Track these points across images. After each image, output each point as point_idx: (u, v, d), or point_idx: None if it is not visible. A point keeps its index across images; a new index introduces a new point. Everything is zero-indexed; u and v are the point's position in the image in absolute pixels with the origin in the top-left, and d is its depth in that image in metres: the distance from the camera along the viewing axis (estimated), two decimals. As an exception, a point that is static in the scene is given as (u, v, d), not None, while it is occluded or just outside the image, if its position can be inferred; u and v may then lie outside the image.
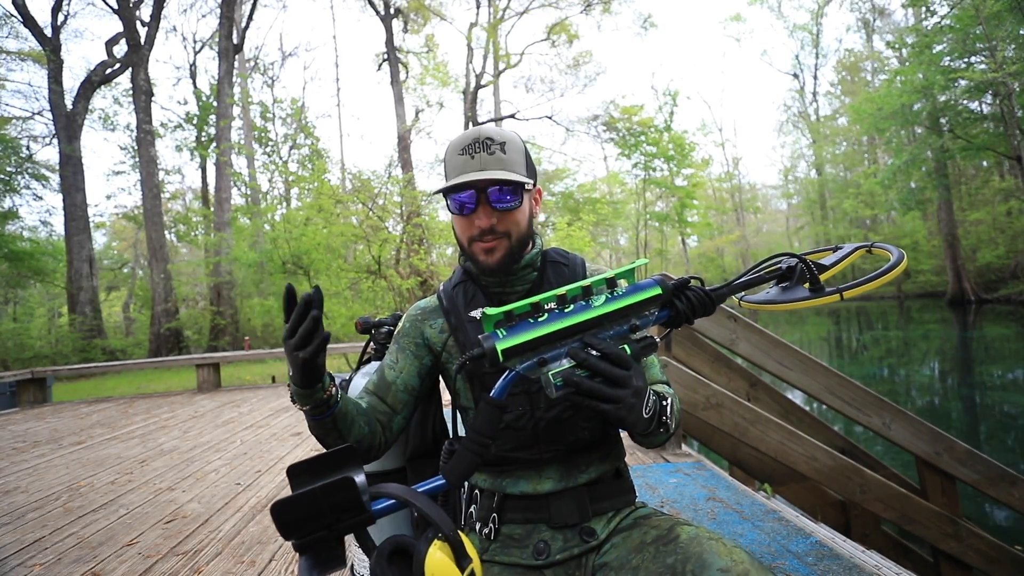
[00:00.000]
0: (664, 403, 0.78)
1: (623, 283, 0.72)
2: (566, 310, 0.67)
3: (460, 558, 0.58)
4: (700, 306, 0.72)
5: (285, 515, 0.52)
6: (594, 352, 0.65)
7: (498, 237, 0.86)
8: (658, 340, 0.71)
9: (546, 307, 0.68)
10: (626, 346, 0.68)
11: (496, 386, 0.66)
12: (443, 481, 0.66)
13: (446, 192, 0.85)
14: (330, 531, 0.54)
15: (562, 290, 0.68)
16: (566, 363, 0.66)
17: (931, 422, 2.67)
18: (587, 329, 0.67)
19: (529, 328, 0.65)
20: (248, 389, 7.01)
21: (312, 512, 0.53)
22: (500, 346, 0.64)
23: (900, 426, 2.62)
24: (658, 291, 0.70)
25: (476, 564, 0.59)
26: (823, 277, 0.76)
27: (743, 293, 0.82)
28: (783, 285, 0.79)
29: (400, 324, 0.99)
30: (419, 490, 0.62)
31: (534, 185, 0.91)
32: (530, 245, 0.93)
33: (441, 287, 0.99)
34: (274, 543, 2.06)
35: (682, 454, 2.95)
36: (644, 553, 0.76)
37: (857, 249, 0.81)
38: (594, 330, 0.67)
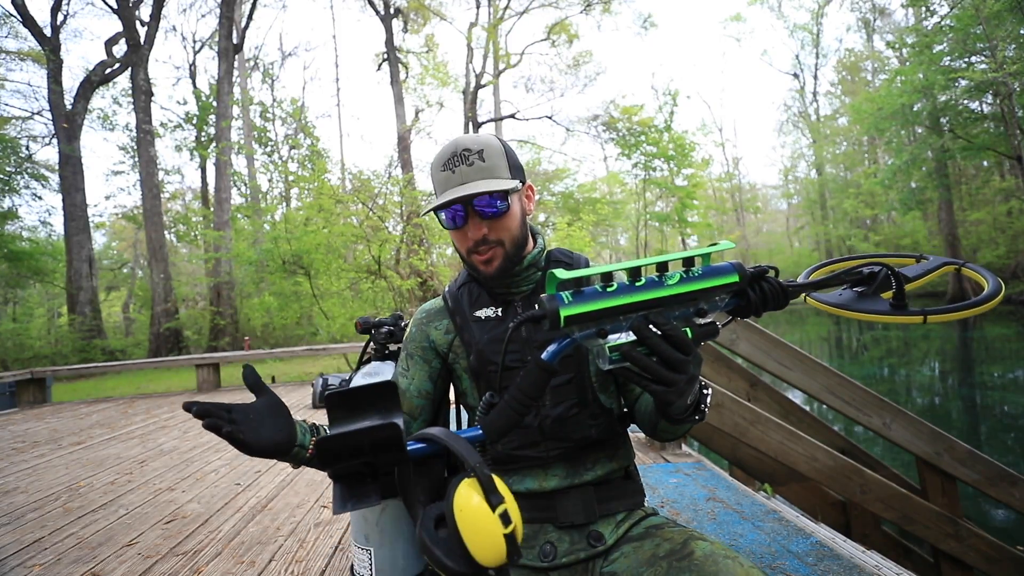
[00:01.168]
0: (706, 391, 0.76)
1: (699, 263, 0.67)
2: (637, 284, 0.63)
3: (490, 495, 0.56)
4: (772, 299, 0.69)
5: (329, 451, 0.55)
6: (657, 331, 0.62)
7: (492, 246, 0.87)
8: (720, 327, 0.68)
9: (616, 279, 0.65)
10: (688, 329, 0.64)
11: (549, 349, 0.64)
12: (480, 432, 0.65)
13: (435, 210, 0.87)
14: (367, 467, 0.58)
15: (637, 263, 0.65)
16: (623, 337, 0.63)
17: (931, 422, 2.66)
18: (655, 307, 0.63)
19: (597, 298, 0.61)
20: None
21: (354, 449, 0.56)
22: (564, 312, 0.60)
23: (900, 426, 2.62)
24: (735, 278, 0.65)
25: (511, 505, 0.57)
26: (925, 308, 0.69)
27: (814, 294, 0.78)
28: (859, 290, 0.74)
29: (408, 330, 1.00)
30: (462, 433, 0.64)
31: (523, 183, 0.91)
32: (530, 244, 0.93)
33: (447, 288, 1.00)
34: (274, 543, 2.06)
35: (682, 454, 2.94)
36: (656, 567, 0.74)
37: (945, 264, 0.75)
38: (660, 308, 0.64)
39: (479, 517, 0.54)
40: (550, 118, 24.35)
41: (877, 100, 21.54)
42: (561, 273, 0.62)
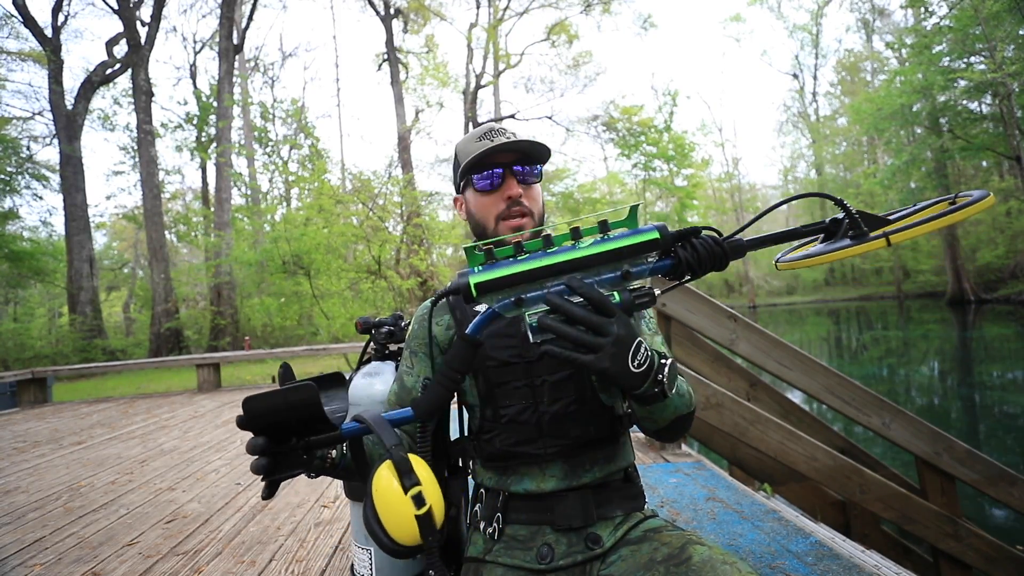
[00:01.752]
0: (663, 361, 0.70)
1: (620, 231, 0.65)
2: (550, 251, 0.62)
3: (404, 476, 0.57)
4: (708, 257, 0.64)
5: (251, 405, 0.55)
6: (574, 298, 0.60)
7: (524, 213, 0.89)
8: (657, 292, 0.64)
9: (530, 250, 0.63)
10: (616, 293, 0.62)
11: (472, 322, 0.65)
12: (410, 412, 0.67)
13: (471, 170, 0.89)
14: (298, 439, 0.59)
15: (548, 229, 0.63)
16: (541, 307, 0.62)
17: (931, 422, 2.67)
18: (572, 271, 0.61)
19: (508, 265, 0.61)
20: (248, 389, 7.01)
21: (276, 411, 0.56)
22: (473, 280, 0.60)
23: (900, 426, 2.62)
24: (655, 235, 0.62)
25: (429, 487, 0.58)
26: (885, 229, 0.64)
27: (783, 256, 0.73)
28: (828, 242, 0.69)
29: (410, 328, 1.00)
30: (388, 415, 0.65)
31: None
32: None
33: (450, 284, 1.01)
34: (274, 543, 2.06)
35: (682, 454, 2.95)
36: (654, 572, 0.73)
37: (937, 203, 0.68)
38: (580, 273, 0.61)
39: (392, 499, 0.57)
40: (550, 118, 24.39)
41: (876, 100, 21.55)
42: (471, 245, 0.63)
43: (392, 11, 19.75)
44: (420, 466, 0.59)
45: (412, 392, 0.94)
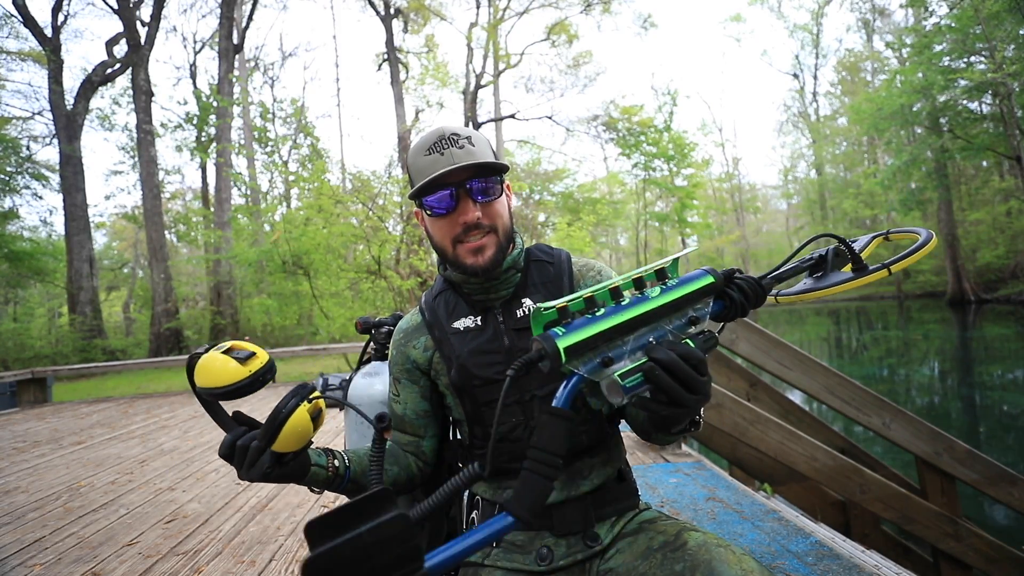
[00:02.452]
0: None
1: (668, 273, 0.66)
2: (622, 303, 0.60)
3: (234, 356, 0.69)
4: (753, 295, 0.68)
5: (320, 567, 0.37)
6: (671, 352, 0.58)
7: (485, 233, 0.82)
8: (717, 335, 0.66)
9: (600, 302, 0.61)
10: (690, 341, 0.62)
11: (558, 395, 0.57)
12: (511, 520, 0.53)
13: (420, 194, 0.81)
14: None
15: (614, 282, 0.62)
16: (628, 364, 0.59)
17: (931, 422, 2.67)
18: (647, 323, 0.60)
19: (589, 324, 0.58)
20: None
21: (358, 567, 0.39)
22: (562, 344, 0.56)
23: (900, 426, 2.62)
24: (711, 280, 0.64)
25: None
26: (884, 262, 0.73)
27: (776, 290, 0.78)
28: (817, 275, 0.76)
29: (389, 354, 0.98)
30: (484, 529, 0.51)
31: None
32: (512, 245, 0.90)
33: (423, 299, 0.96)
34: (274, 543, 2.06)
35: (682, 454, 2.95)
36: (651, 560, 0.74)
37: (875, 238, 0.80)
38: (654, 324, 0.61)
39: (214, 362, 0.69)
40: (550, 118, 24.36)
41: (877, 100, 21.54)
42: (544, 306, 0.59)
43: (392, 11, 19.74)
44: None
45: (405, 419, 0.93)
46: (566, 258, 0.94)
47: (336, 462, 0.78)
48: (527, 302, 0.88)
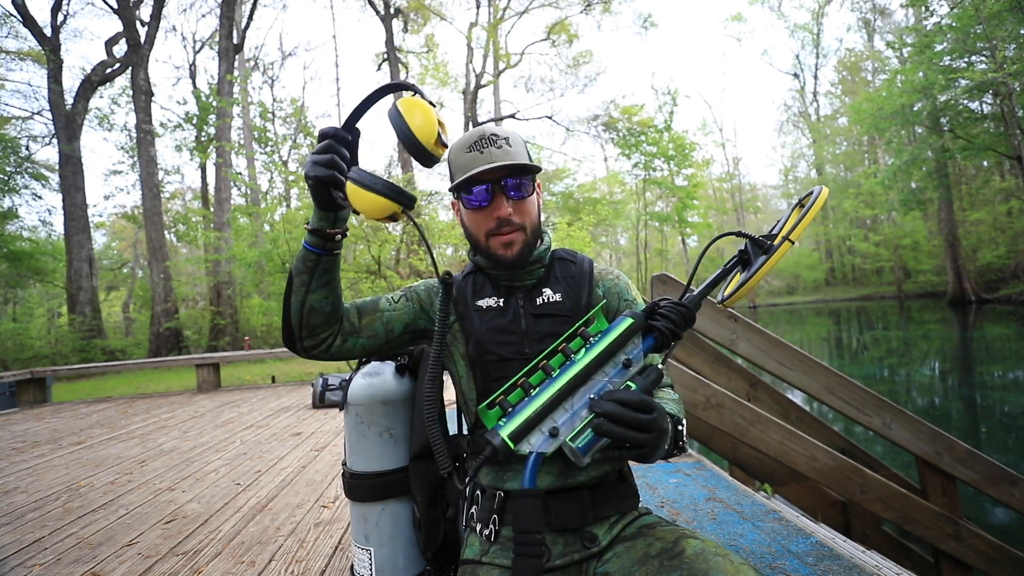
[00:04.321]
0: (680, 427, 0.79)
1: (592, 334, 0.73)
2: (554, 376, 0.68)
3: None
4: (680, 320, 0.72)
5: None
6: (611, 402, 0.64)
7: (515, 229, 0.88)
8: (661, 367, 0.71)
9: (536, 383, 0.69)
10: (631, 383, 0.67)
11: (524, 475, 0.65)
12: None
13: (461, 188, 0.88)
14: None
15: (539, 360, 0.70)
16: (578, 424, 0.65)
17: (931, 422, 2.66)
18: (582, 382, 0.67)
19: (526, 405, 0.65)
20: (248, 389, 7.01)
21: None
22: (504, 433, 0.64)
23: (900, 426, 2.62)
24: (630, 322, 0.70)
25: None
26: (783, 235, 0.79)
27: (723, 295, 0.84)
28: (747, 270, 0.81)
29: (417, 283, 1.03)
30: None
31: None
32: (540, 240, 0.96)
33: (454, 277, 1.02)
34: (274, 543, 2.06)
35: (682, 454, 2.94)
36: (648, 566, 0.74)
37: (792, 210, 0.86)
38: (591, 381, 0.67)
39: (420, 106, 0.71)
40: (550, 118, 24.38)
41: (877, 100, 21.55)
42: (483, 408, 0.69)
43: (392, 11, 19.75)
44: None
45: (377, 315, 0.96)
46: (589, 263, 1.00)
47: (340, 237, 0.84)
48: (547, 291, 0.94)
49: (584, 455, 0.63)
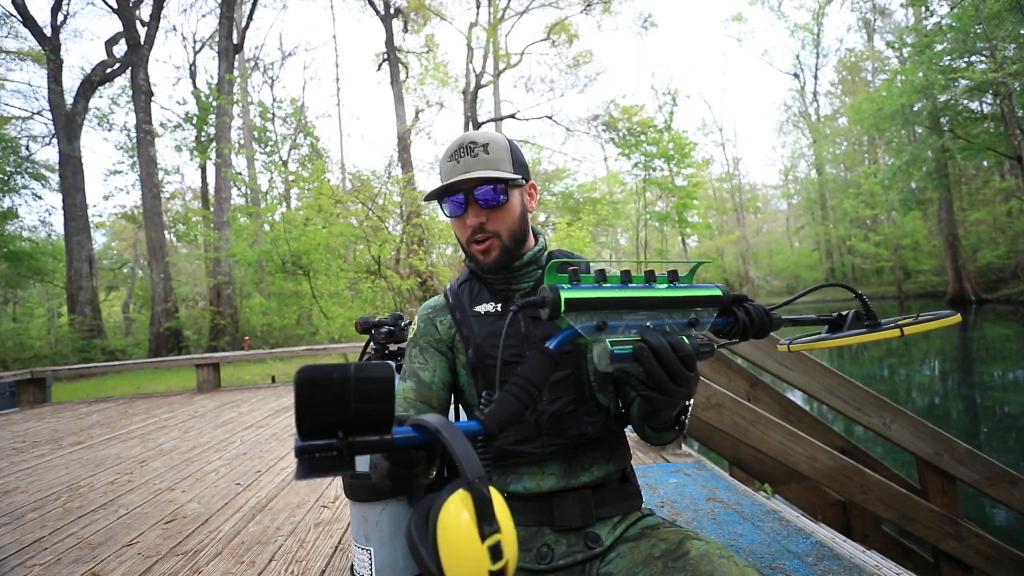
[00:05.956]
0: (688, 403, 0.78)
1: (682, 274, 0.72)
2: (630, 285, 0.65)
3: (484, 521, 0.43)
4: (759, 323, 0.70)
5: (308, 382, 0.41)
6: (663, 340, 0.62)
7: (489, 236, 0.89)
8: (716, 347, 0.69)
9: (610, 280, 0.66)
10: (685, 338, 0.65)
11: (554, 337, 0.62)
12: (478, 426, 0.56)
13: (439, 198, 0.90)
14: (342, 439, 0.43)
15: (625, 264, 0.67)
16: (621, 336, 0.63)
17: (931, 422, 2.66)
18: (649, 308, 0.64)
19: (594, 289, 0.63)
20: (248, 389, 7.01)
21: (338, 394, 0.42)
22: (565, 295, 0.60)
23: (900, 426, 2.62)
24: (718, 292, 0.68)
25: (507, 536, 0.43)
26: (899, 322, 0.76)
27: (789, 339, 0.82)
28: (833, 332, 0.79)
29: (414, 326, 1.00)
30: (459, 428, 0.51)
31: (526, 181, 0.93)
32: (531, 241, 0.95)
33: (448, 286, 1.01)
34: (274, 543, 2.06)
35: (682, 454, 2.94)
36: (652, 567, 0.74)
37: (923, 318, 0.83)
38: (655, 312, 0.65)
39: (464, 545, 0.42)
40: (550, 118, 24.36)
41: (877, 100, 21.55)
42: (560, 261, 0.66)
43: (392, 11, 19.74)
44: (500, 506, 0.45)
45: (432, 388, 0.93)
46: (586, 262, 0.99)
47: None
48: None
49: (612, 362, 0.61)
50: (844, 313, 0.78)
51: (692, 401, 0.79)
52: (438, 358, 0.95)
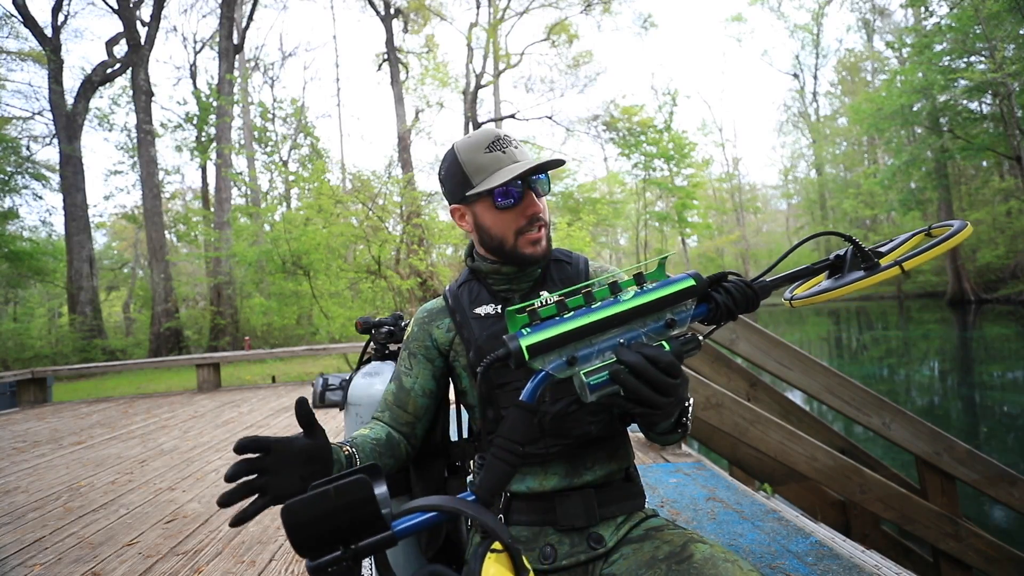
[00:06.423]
0: (688, 403, 0.77)
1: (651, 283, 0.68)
2: (594, 306, 0.63)
3: (519, 572, 0.52)
4: (742, 299, 0.68)
5: (297, 517, 0.46)
6: (639, 355, 0.60)
7: (543, 224, 0.89)
8: (701, 339, 0.66)
9: (572, 307, 0.64)
10: (665, 343, 0.63)
11: (526, 388, 0.62)
12: (473, 497, 0.60)
13: (494, 188, 0.85)
14: (346, 550, 0.48)
15: (588, 284, 0.65)
16: (596, 363, 0.62)
17: (931, 422, 2.66)
18: (619, 324, 0.62)
19: (556, 324, 0.61)
20: (248, 389, 7.01)
21: (327, 518, 0.47)
22: (524, 343, 0.59)
23: (900, 426, 2.62)
24: (691, 283, 0.65)
25: None
26: (882, 261, 0.71)
27: (790, 292, 0.78)
28: (835, 277, 0.74)
29: (409, 329, 1.00)
30: (447, 502, 0.57)
31: None
32: None
33: (448, 288, 1.00)
34: (274, 543, 2.06)
35: (682, 454, 2.95)
36: (655, 570, 0.73)
37: (915, 235, 0.77)
38: (627, 326, 0.62)
39: None
40: (550, 118, 24.38)
41: (877, 100, 21.56)
42: (514, 308, 0.63)
43: (392, 11, 19.74)
44: (525, 559, 0.54)
45: (411, 394, 0.94)
46: (584, 261, 0.99)
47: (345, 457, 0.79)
48: (544, 294, 0.91)
49: (592, 393, 0.60)
50: (841, 253, 0.74)
51: (692, 400, 0.78)
52: (424, 365, 0.96)
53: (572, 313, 0.62)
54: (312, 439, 0.70)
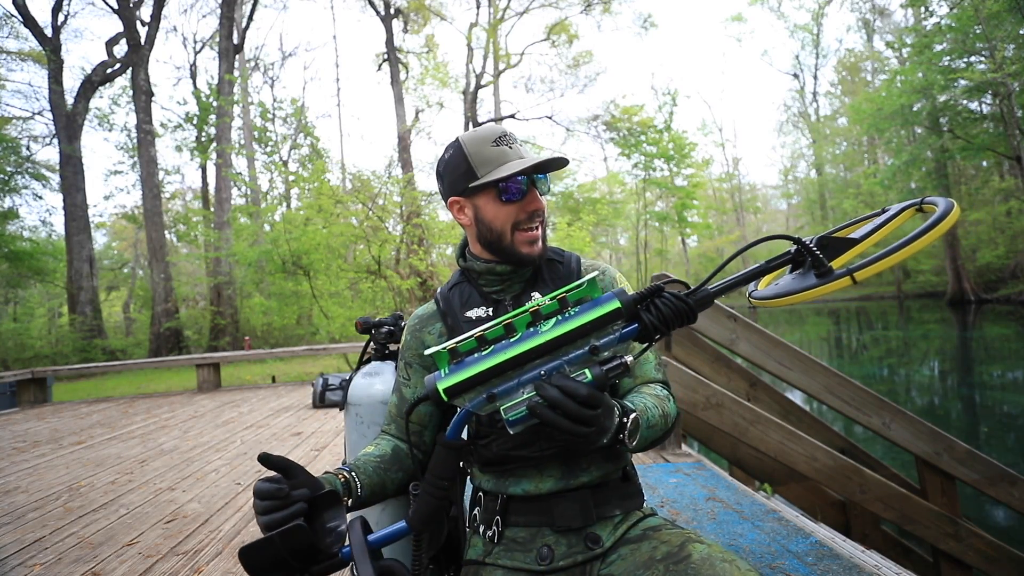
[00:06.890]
0: (625, 420, 0.72)
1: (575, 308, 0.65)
2: (512, 339, 0.62)
3: None
4: (675, 316, 0.65)
5: (251, 560, 0.58)
6: (556, 389, 0.60)
7: (541, 222, 0.90)
8: (629, 360, 0.63)
9: (492, 339, 0.63)
10: (587, 371, 0.62)
11: (450, 426, 0.66)
12: (404, 526, 0.68)
13: (501, 179, 0.85)
14: (301, 573, 0.60)
15: (507, 317, 0.64)
16: (518, 397, 0.62)
17: (931, 422, 2.66)
18: (538, 357, 0.61)
19: (473, 363, 0.62)
20: (248, 389, 7.01)
21: (276, 559, 0.58)
22: (441, 385, 0.61)
23: (900, 426, 2.62)
24: (616, 305, 0.61)
25: None
26: (855, 252, 0.66)
27: (752, 289, 0.75)
28: (797, 272, 0.70)
29: (403, 338, 1.01)
30: (380, 534, 0.67)
31: None
32: None
33: (439, 291, 1.00)
34: (274, 543, 2.06)
35: (682, 454, 2.95)
36: (652, 570, 0.73)
37: (904, 210, 0.70)
38: (548, 356, 0.62)
39: None
40: (550, 118, 24.39)
41: (877, 100, 21.55)
42: (434, 350, 0.63)
43: (392, 11, 19.75)
44: None
45: (405, 397, 0.95)
46: (576, 260, 0.99)
47: (349, 500, 0.78)
48: (536, 295, 0.93)
49: (513, 427, 0.61)
50: (805, 240, 0.68)
51: (631, 417, 0.72)
52: (421, 373, 0.96)
53: (491, 348, 0.63)
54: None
